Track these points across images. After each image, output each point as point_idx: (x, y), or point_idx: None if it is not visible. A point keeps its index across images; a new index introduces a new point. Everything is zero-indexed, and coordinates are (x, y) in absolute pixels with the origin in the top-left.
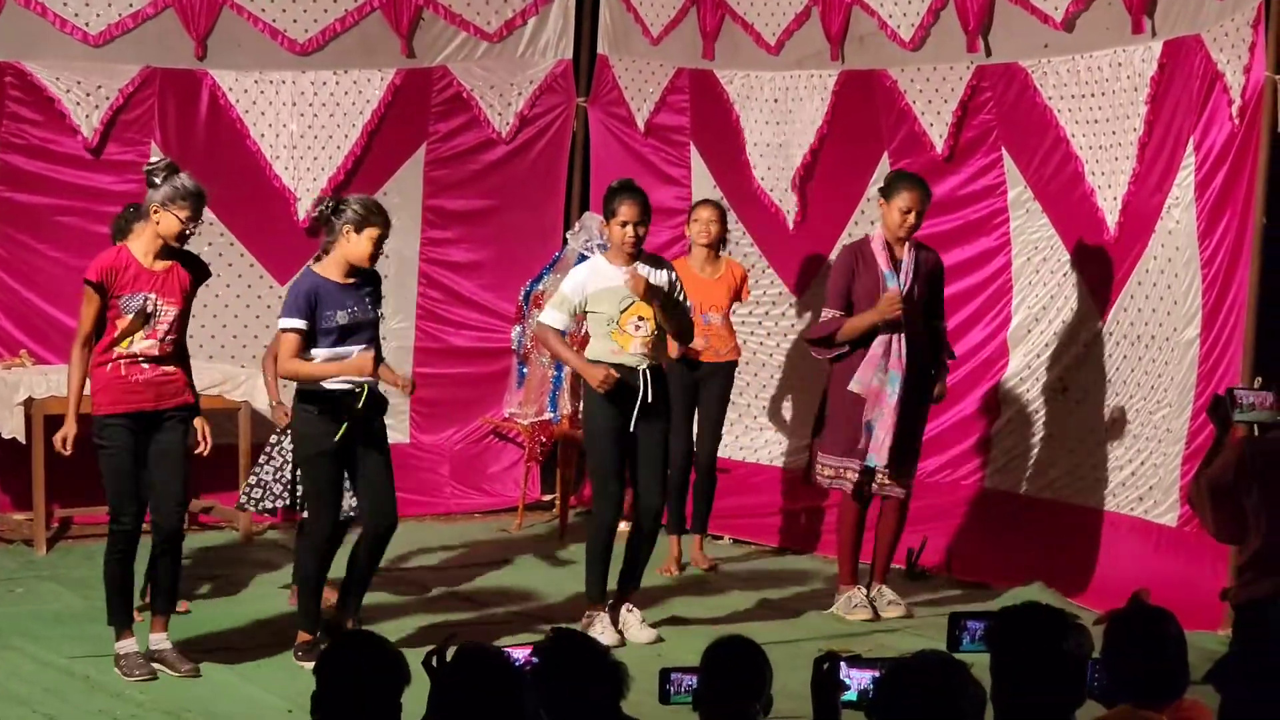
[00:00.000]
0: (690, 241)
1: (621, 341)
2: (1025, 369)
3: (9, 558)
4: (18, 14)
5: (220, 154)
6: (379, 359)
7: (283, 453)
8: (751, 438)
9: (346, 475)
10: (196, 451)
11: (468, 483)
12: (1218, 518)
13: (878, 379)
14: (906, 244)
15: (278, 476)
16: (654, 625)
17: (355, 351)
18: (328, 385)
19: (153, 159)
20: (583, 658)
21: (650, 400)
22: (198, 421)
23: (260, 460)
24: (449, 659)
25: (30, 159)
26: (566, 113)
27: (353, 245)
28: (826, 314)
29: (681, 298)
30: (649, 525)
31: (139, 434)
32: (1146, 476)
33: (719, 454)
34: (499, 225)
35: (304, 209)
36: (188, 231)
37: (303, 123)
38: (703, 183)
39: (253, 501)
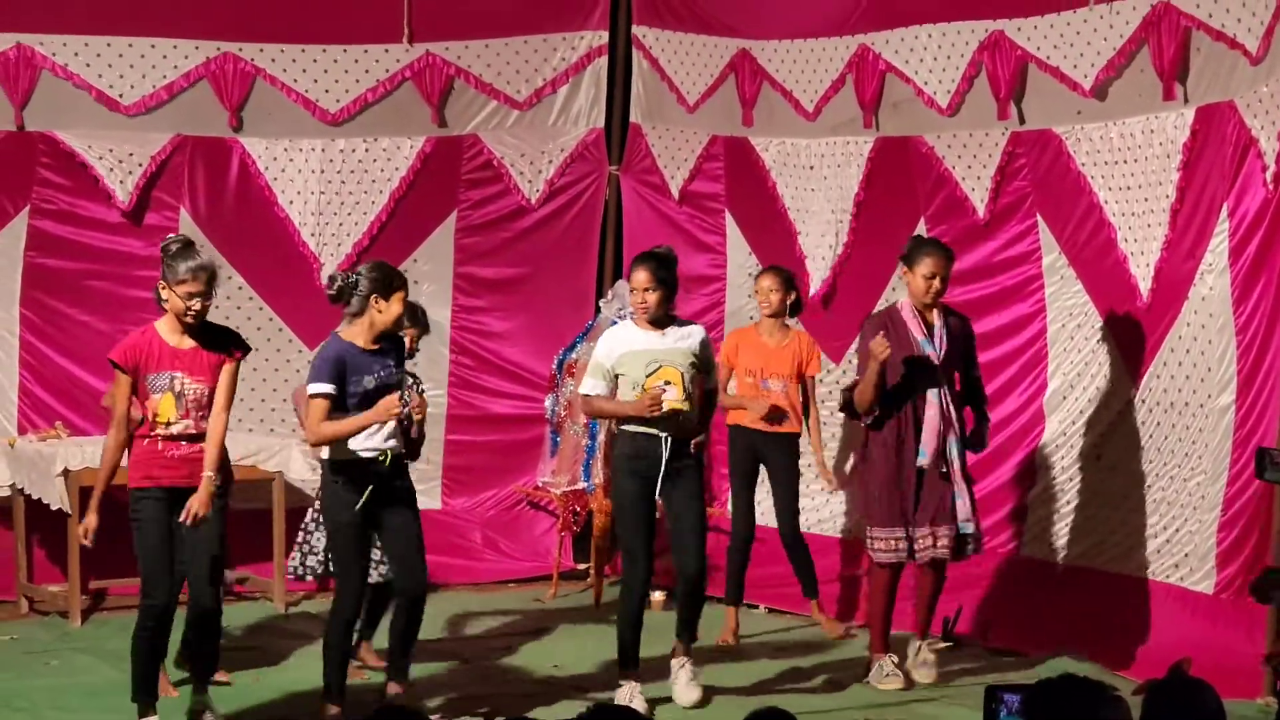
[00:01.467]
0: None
1: None
2: (1060, 435)
3: (44, 629)
4: (52, 84)
5: (249, 220)
6: (408, 440)
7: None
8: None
9: (377, 540)
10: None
11: (500, 550)
12: None
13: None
14: (936, 310)
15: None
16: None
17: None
18: (354, 453)
19: (169, 236)
20: None
21: (674, 464)
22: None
23: (308, 526)
24: None
25: (60, 224)
26: (598, 181)
27: (386, 312)
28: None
29: (706, 363)
30: (691, 587)
31: (172, 509)
32: (1182, 544)
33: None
34: (531, 293)
35: (328, 275)
36: (192, 308)
37: (331, 189)
38: (738, 250)
39: (303, 569)
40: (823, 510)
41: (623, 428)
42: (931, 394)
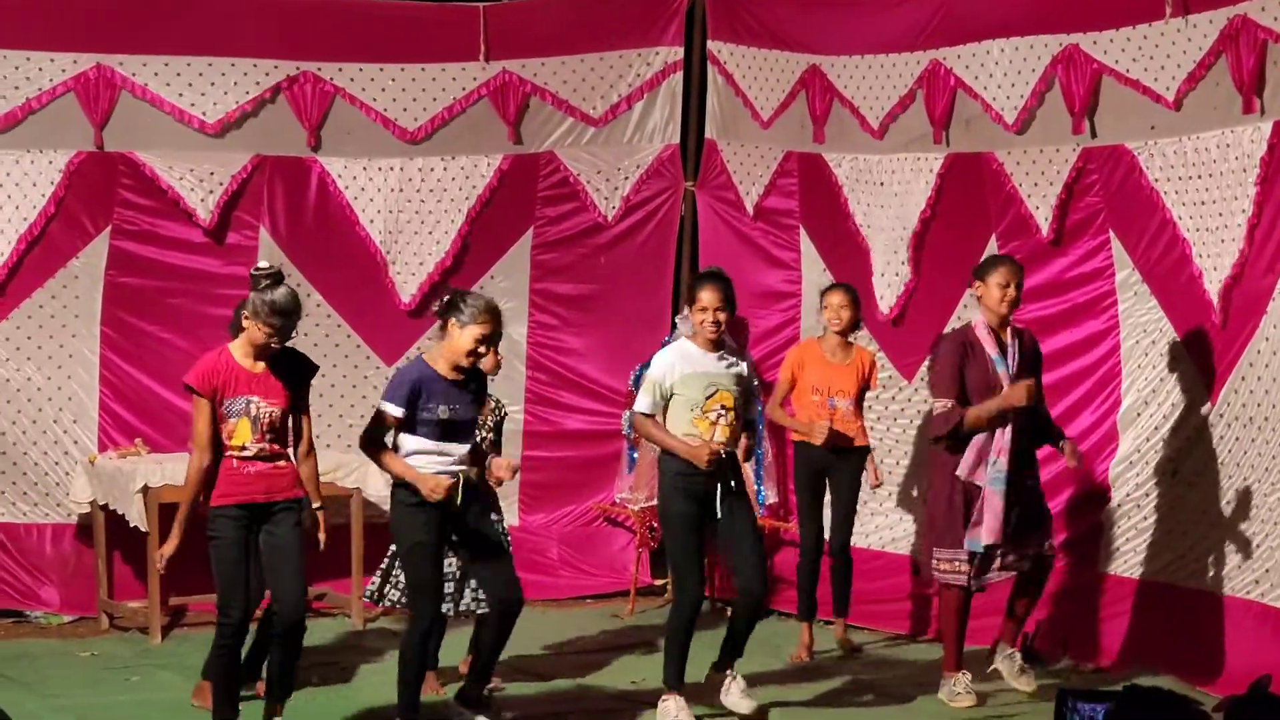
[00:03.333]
0: (824, 325)
1: (702, 427)
2: (1135, 452)
3: (124, 646)
4: (132, 105)
5: (329, 239)
6: (479, 461)
7: None
8: (861, 523)
9: (459, 563)
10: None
11: (576, 567)
12: None
13: (983, 466)
14: (1009, 327)
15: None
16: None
17: (453, 449)
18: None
19: (261, 264)
20: None
21: (733, 486)
22: (319, 514)
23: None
24: None
25: (142, 244)
26: (674, 197)
27: (455, 339)
28: (940, 405)
29: (750, 393)
30: (751, 606)
31: (249, 526)
32: (1262, 560)
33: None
34: (607, 309)
35: (408, 293)
36: (274, 345)
37: (410, 208)
38: (812, 266)
39: (381, 596)
40: (895, 529)
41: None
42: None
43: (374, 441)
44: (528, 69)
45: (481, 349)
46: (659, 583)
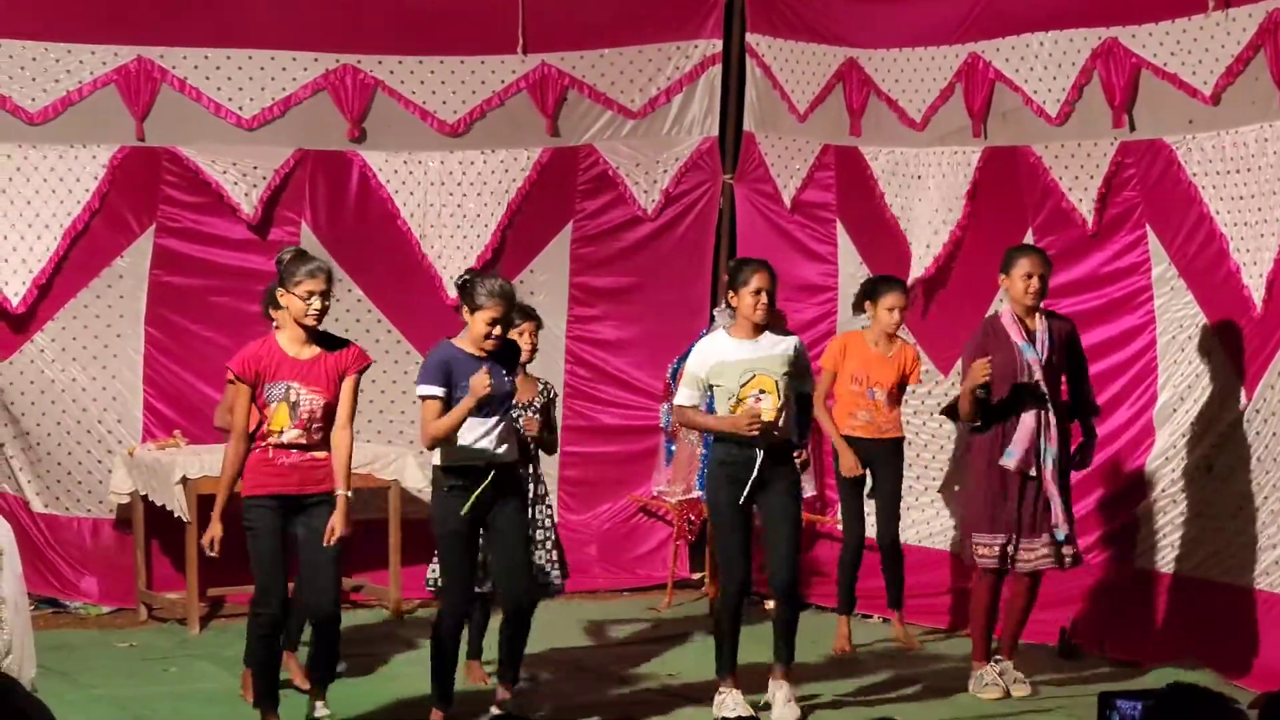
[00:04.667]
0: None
1: None
2: (1171, 448)
3: (162, 636)
4: (173, 100)
5: (370, 233)
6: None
7: None
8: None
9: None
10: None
11: (616, 561)
12: None
13: (1034, 455)
14: (1038, 315)
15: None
16: (800, 702)
17: (485, 422)
18: (462, 459)
19: (283, 248)
20: None
21: (768, 475)
22: (341, 501)
23: None
24: None
25: (186, 242)
26: (712, 190)
27: (471, 324)
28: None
29: (801, 370)
30: (784, 598)
31: (284, 517)
32: None
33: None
34: (646, 302)
35: (451, 289)
36: (312, 307)
37: (451, 202)
38: (849, 259)
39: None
40: (933, 523)
41: (717, 437)
42: (1030, 399)
43: (430, 426)
44: (566, 61)
45: (495, 331)
46: (696, 576)
